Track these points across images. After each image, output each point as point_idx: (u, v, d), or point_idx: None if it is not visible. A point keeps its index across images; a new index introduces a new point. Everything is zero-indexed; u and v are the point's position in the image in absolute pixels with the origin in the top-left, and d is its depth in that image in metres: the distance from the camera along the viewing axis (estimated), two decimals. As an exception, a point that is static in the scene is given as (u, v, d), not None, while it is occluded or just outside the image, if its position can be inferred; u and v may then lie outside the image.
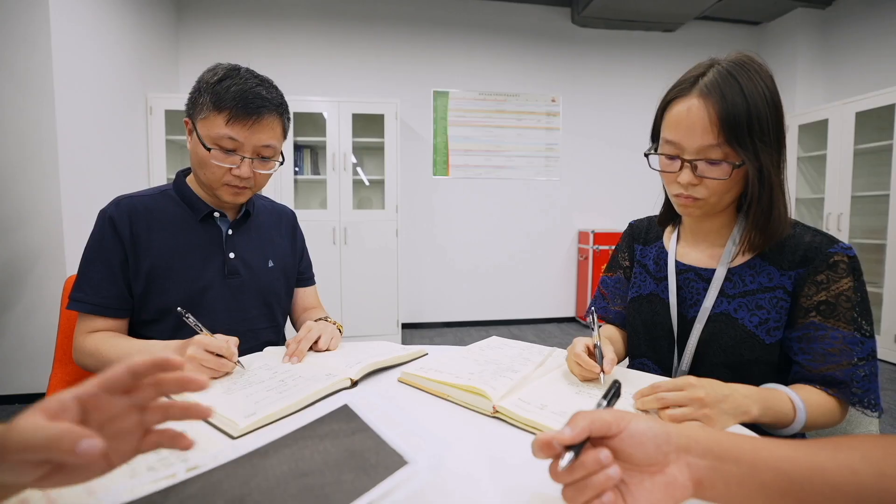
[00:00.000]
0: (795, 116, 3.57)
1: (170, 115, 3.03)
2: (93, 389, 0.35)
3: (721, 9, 3.73)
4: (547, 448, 0.37)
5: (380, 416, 0.43)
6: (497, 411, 0.60)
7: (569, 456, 0.36)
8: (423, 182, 3.75)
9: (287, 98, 0.96)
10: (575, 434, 0.36)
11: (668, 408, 0.56)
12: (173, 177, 1.00)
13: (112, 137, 2.63)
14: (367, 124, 3.31)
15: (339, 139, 3.18)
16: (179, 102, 3.03)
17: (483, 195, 3.84)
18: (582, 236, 3.91)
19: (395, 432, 0.39)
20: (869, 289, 3.16)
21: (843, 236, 3.19)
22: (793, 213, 0.72)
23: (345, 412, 0.45)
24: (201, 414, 0.38)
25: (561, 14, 3.84)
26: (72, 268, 2.24)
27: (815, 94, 3.83)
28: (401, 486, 0.32)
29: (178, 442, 0.37)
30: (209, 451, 0.49)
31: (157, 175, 3.01)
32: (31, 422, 0.31)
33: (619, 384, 0.49)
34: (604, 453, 0.36)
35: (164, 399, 0.39)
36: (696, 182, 0.70)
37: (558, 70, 3.87)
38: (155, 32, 3.09)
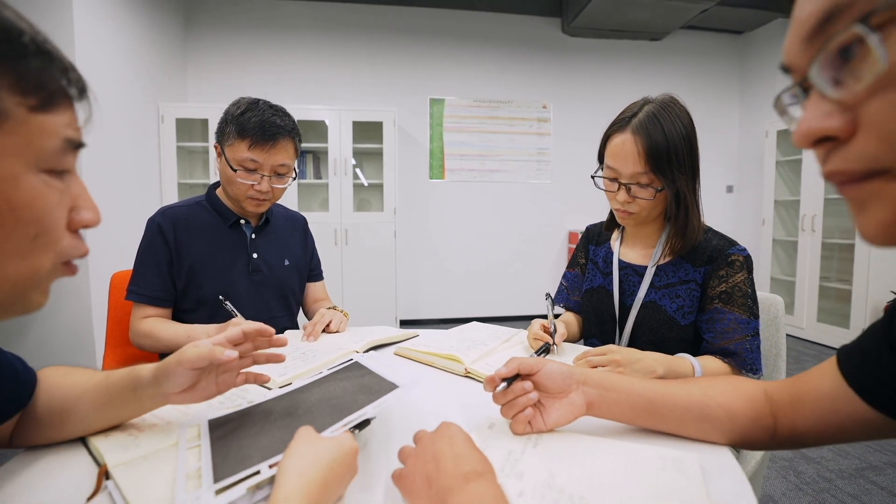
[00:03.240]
0: (775, 122, 3.76)
1: (180, 122, 3.19)
2: (221, 340, 0.56)
3: (705, 18, 3.91)
4: (491, 382, 0.56)
5: (381, 366, 0.62)
6: (468, 372, 0.79)
7: (503, 385, 0.55)
8: (420, 185, 3.93)
9: (290, 106, 1.14)
10: (508, 370, 0.56)
11: (595, 367, 0.75)
12: (184, 181, 1.19)
13: (127, 144, 2.81)
14: (367, 131, 3.49)
15: (339, 145, 3.36)
16: (189, 111, 3.21)
17: (477, 198, 4.02)
18: (572, 237, 4.09)
19: (391, 374, 0.58)
20: (839, 286, 3.36)
21: (817, 236, 3.38)
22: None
23: (355, 365, 0.64)
24: (278, 360, 0.62)
25: (551, 24, 4.02)
26: (94, 268, 2.42)
27: (793, 101, 4.02)
28: (393, 398, 0.51)
29: (260, 379, 0.61)
30: (259, 395, 0.68)
31: (169, 179, 3.17)
32: (190, 347, 0.52)
33: (550, 345, 0.68)
34: (527, 383, 0.56)
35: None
36: (630, 200, 0.89)
37: (549, 78, 4.05)
38: (165, 46, 3.27)
